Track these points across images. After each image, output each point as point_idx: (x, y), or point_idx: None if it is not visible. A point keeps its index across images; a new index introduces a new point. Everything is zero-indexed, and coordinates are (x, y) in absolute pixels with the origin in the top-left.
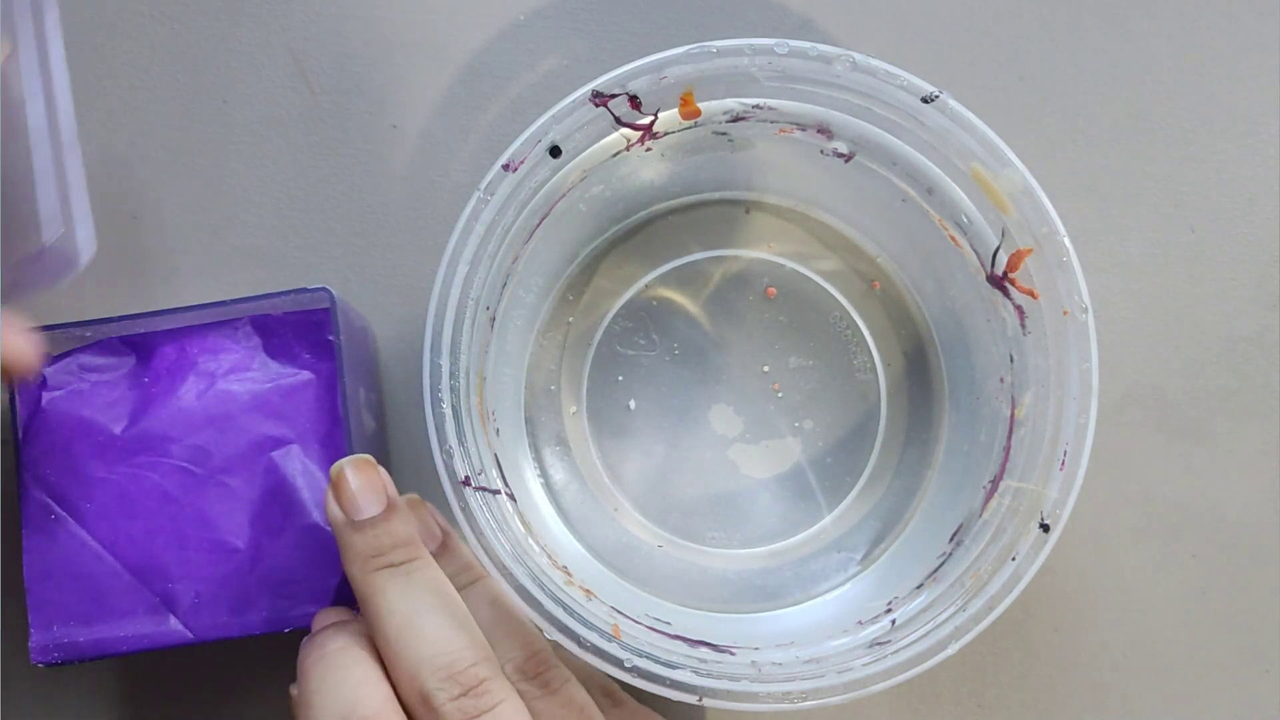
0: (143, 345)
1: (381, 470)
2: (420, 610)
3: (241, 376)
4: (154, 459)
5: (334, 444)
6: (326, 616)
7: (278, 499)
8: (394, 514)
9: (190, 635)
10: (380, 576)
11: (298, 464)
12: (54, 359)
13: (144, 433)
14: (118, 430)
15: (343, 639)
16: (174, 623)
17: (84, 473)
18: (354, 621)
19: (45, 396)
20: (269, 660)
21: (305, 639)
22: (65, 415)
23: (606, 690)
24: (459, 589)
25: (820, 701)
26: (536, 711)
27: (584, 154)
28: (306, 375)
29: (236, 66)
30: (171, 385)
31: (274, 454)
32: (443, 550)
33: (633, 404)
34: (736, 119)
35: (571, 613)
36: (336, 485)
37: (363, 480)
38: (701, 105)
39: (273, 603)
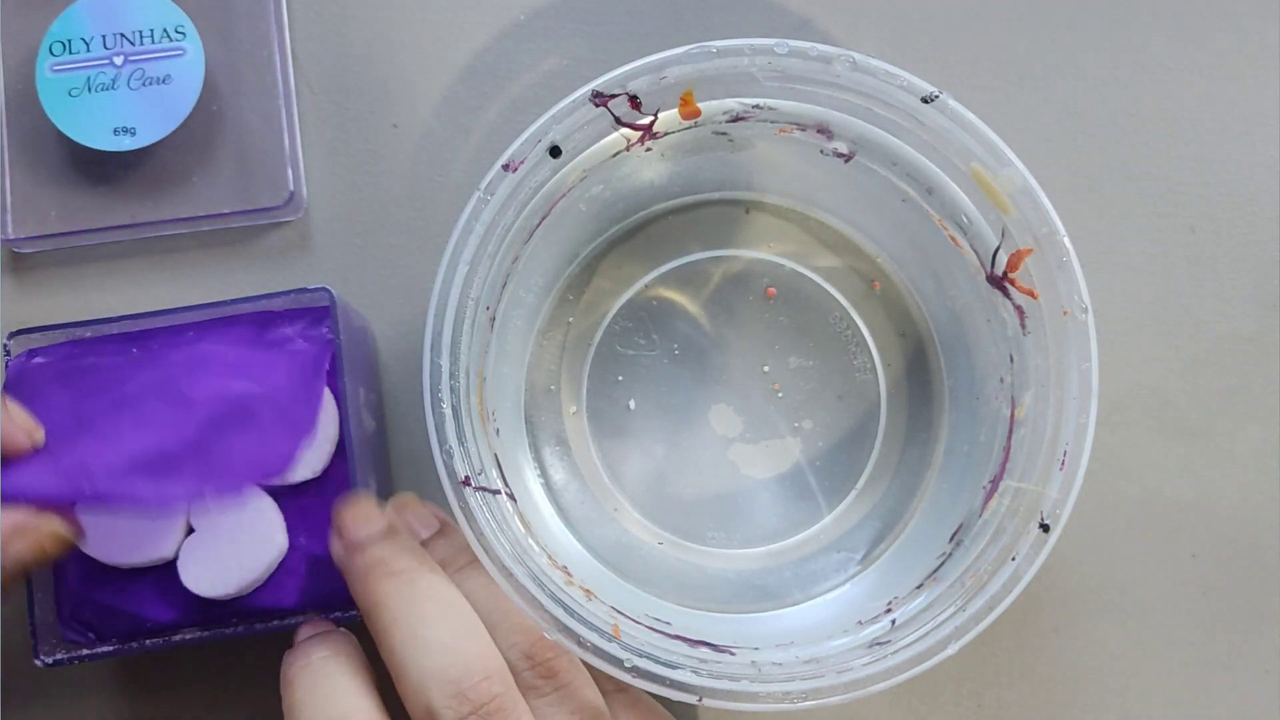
0: (143, 345)
1: (377, 502)
2: (426, 620)
3: (241, 376)
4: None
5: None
6: (310, 628)
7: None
8: (392, 532)
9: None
10: (383, 586)
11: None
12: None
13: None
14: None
15: (327, 648)
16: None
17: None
18: (338, 632)
19: (36, 360)
20: (269, 660)
21: (288, 651)
22: (51, 373)
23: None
24: (459, 569)
25: (820, 701)
26: (546, 717)
27: (584, 154)
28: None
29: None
30: (171, 384)
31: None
32: (439, 535)
33: (633, 404)
34: (736, 119)
35: (571, 613)
36: (335, 526)
37: (358, 511)
38: (701, 105)
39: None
